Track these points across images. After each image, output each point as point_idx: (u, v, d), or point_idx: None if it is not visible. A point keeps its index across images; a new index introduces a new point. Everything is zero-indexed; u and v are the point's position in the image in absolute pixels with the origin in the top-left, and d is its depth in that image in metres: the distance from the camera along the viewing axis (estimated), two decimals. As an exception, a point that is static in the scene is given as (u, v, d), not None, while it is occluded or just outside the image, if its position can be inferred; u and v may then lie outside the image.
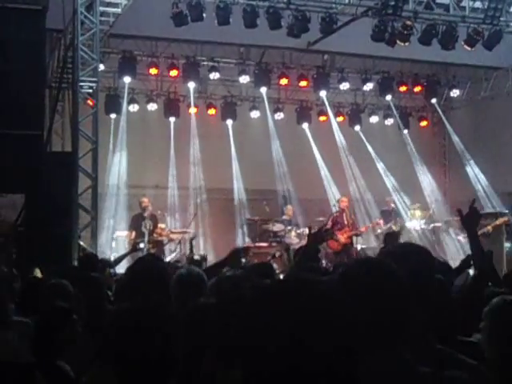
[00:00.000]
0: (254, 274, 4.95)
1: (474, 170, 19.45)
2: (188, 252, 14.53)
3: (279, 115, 19.55)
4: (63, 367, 3.53)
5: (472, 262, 4.56)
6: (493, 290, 4.30)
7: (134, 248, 13.92)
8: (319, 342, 1.45)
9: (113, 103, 17.67)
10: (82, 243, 12.39)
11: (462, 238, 16.08)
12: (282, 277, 8.06)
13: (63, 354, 3.64)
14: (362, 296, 1.99)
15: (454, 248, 17.09)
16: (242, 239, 17.76)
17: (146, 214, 15.03)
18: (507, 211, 16.47)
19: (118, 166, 17.25)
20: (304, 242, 15.33)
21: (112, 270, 9.71)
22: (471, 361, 2.42)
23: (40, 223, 10.94)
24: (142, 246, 14.21)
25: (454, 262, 15.01)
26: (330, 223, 15.58)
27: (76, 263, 10.86)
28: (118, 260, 11.88)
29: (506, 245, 15.63)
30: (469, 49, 15.03)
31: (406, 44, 14.56)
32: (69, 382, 3.39)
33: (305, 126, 19.60)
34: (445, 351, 2.37)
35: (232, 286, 3.89)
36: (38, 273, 7.94)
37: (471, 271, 5.82)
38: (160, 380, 2.29)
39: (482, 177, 19.12)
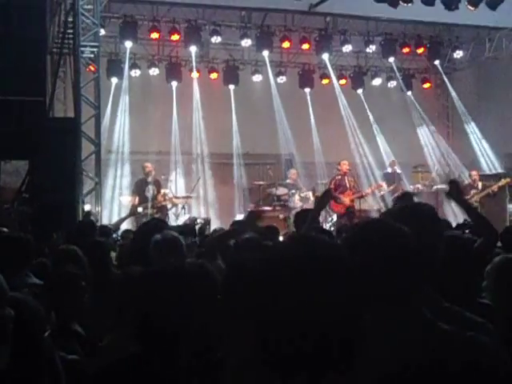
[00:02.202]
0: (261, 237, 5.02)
1: (475, 132, 19.43)
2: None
3: (281, 79, 19.45)
4: (77, 330, 3.58)
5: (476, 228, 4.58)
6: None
7: (133, 212, 14.02)
8: (330, 294, 1.46)
9: (114, 68, 17.59)
10: (87, 207, 12.44)
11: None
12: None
13: (75, 317, 3.69)
14: (372, 255, 2.01)
15: (457, 210, 17.10)
16: (243, 204, 17.78)
17: (149, 179, 15.06)
18: (509, 172, 16.48)
19: (120, 132, 17.23)
20: (307, 205, 15.40)
21: (115, 235, 9.78)
22: (478, 319, 2.46)
23: (44, 189, 10.98)
24: (140, 210, 14.29)
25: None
26: (332, 186, 15.60)
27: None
28: (117, 224, 11.97)
29: (510, 205, 15.67)
30: (472, 9, 14.91)
31: (409, 4, 14.44)
32: (84, 345, 3.44)
33: (307, 89, 19.52)
34: (452, 309, 2.40)
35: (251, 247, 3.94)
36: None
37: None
38: (182, 343, 2.32)
39: (483, 138, 19.10)
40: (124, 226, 12.31)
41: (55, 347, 2.76)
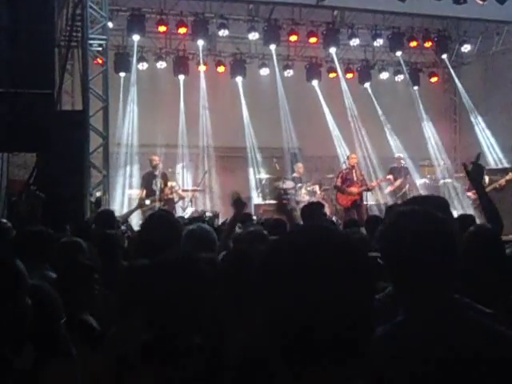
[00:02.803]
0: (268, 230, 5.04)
1: (482, 126, 19.39)
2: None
3: (289, 72, 19.43)
4: (88, 320, 3.61)
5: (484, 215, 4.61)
6: None
7: (140, 205, 14.06)
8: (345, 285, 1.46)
9: (122, 61, 17.63)
10: (98, 194, 12.46)
11: (472, 193, 16.10)
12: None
13: (85, 308, 3.72)
14: (422, 244, 2.04)
15: (464, 204, 17.09)
16: (256, 198, 17.73)
17: (156, 173, 15.09)
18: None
19: (128, 125, 17.26)
20: (314, 199, 15.41)
21: (123, 227, 9.83)
22: (488, 310, 2.48)
23: (52, 182, 11.01)
24: (147, 202, 14.33)
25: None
26: (339, 180, 15.59)
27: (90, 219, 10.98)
28: (125, 216, 12.02)
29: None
30: (480, 2, 14.87)
31: (417, -2, 14.41)
32: (95, 335, 3.47)
33: (314, 83, 19.50)
34: (462, 300, 2.42)
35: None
36: None
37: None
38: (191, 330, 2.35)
39: (490, 133, 19.07)
40: (132, 219, 12.37)
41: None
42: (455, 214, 15.81)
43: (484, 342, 2.02)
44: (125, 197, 16.24)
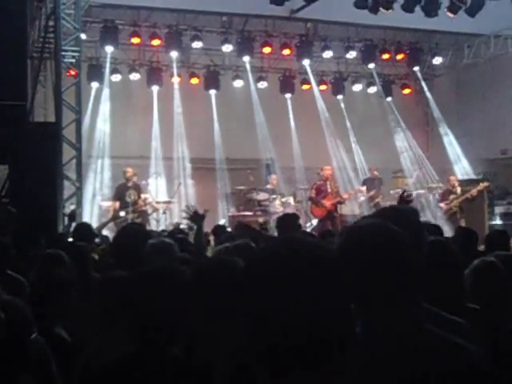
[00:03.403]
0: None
1: (454, 138, 19.61)
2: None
3: (262, 84, 19.50)
4: (61, 334, 3.58)
5: None
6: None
7: (114, 217, 14.00)
8: (315, 297, 1.48)
9: (95, 73, 17.55)
10: (72, 207, 12.39)
11: (444, 205, 16.26)
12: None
13: (59, 321, 3.69)
14: (370, 257, 2.04)
15: (437, 215, 17.24)
16: (226, 209, 17.78)
17: (129, 184, 15.03)
18: (488, 177, 16.66)
19: (101, 137, 17.18)
20: (288, 210, 15.44)
21: (97, 240, 9.79)
22: (458, 319, 2.50)
23: (25, 194, 10.92)
24: (122, 214, 14.26)
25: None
26: (313, 191, 15.66)
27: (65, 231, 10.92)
28: (99, 228, 11.97)
29: (488, 209, 15.83)
30: (451, 16, 15.05)
31: (389, 11, 14.54)
32: (67, 349, 3.45)
33: (288, 95, 19.59)
34: (431, 310, 2.44)
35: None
36: None
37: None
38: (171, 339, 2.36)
39: (462, 144, 19.27)
40: (105, 231, 12.31)
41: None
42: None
43: (441, 355, 2.03)
44: (95, 209, 16.11)
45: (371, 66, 19.85)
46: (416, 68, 20.39)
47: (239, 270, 2.62)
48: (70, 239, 8.03)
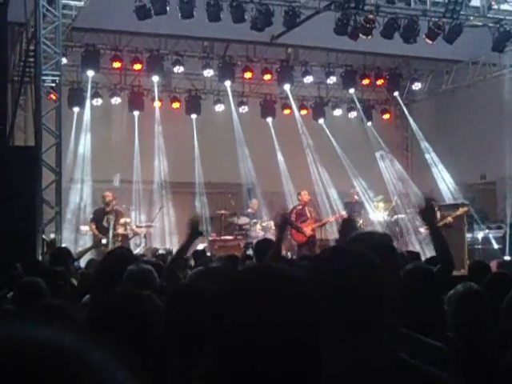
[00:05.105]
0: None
1: (434, 162, 19.74)
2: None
3: (243, 109, 19.59)
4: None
5: (436, 254, 4.66)
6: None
7: (96, 244, 13.88)
8: (282, 321, 1.50)
9: (76, 97, 17.55)
10: (51, 236, 12.31)
11: (424, 229, 16.30)
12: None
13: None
14: (333, 282, 2.04)
15: (417, 239, 17.30)
16: (205, 233, 17.70)
17: (108, 209, 14.89)
18: (467, 202, 16.74)
19: (81, 161, 17.13)
20: (268, 234, 15.43)
21: (76, 264, 9.72)
22: (436, 343, 2.50)
23: (3, 218, 10.83)
24: (104, 241, 14.11)
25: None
26: (293, 216, 15.66)
27: (40, 258, 10.83)
28: (81, 254, 11.89)
29: (468, 235, 15.89)
30: (430, 42, 15.23)
31: (369, 37, 14.69)
32: None
33: (269, 119, 19.68)
34: (410, 336, 2.44)
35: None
36: None
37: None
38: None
39: (442, 168, 19.41)
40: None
41: None
42: (411, 249, 15.99)
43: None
44: (75, 232, 16.01)
45: (351, 91, 20.02)
46: (396, 93, 20.59)
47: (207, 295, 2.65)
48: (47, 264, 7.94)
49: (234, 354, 1.49)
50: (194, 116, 18.89)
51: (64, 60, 14.61)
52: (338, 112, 20.72)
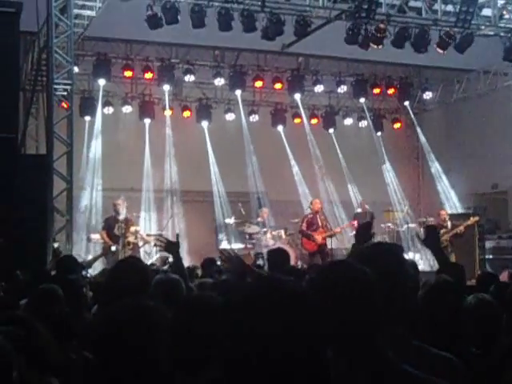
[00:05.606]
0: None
1: (444, 172, 19.71)
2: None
3: (254, 118, 19.61)
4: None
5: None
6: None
7: (106, 252, 13.91)
8: (288, 337, 1.53)
9: (87, 106, 17.63)
10: (55, 245, 12.32)
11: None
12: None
13: (52, 371, 3.51)
14: (334, 295, 2.07)
15: (428, 250, 17.23)
16: (225, 242, 17.64)
17: (119, 217, 14.92)
18: (479, 212, 16.70)
19: (92, 169, 17.19)
20: (279, 243, 15.42)
21: (84, 272, 9.71)
22: (446, 354, 2.49)
23: (15, 227, 10.85)
24: (113, 249, 14.14)
25: (430, 262, 15.21)
26: (304, 225, 15.65)
27: (50, 266, 10.84)
28: (91, 262, 11.90)
29: (479, 243, 15.84)
30: (441, 52, 15.20)
31: (380, 47, 14.68)
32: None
33: (279, 128, 19.69)
34: (421, 347, 2.43)
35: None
36: None
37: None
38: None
39: (453, 178, 19.36)
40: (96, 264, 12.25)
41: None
42: (419, 259, 15.91)
43: None
44: (85, 241, 16.05)
45: (362, 100, 20.02)
46: (406, 103, 20.56)
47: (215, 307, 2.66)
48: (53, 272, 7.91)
49: (244, 365, 1.51)
50: (204, 125, 18.92)
51: (76, 69, 14.66)
52: (348, 121, 20.71)
